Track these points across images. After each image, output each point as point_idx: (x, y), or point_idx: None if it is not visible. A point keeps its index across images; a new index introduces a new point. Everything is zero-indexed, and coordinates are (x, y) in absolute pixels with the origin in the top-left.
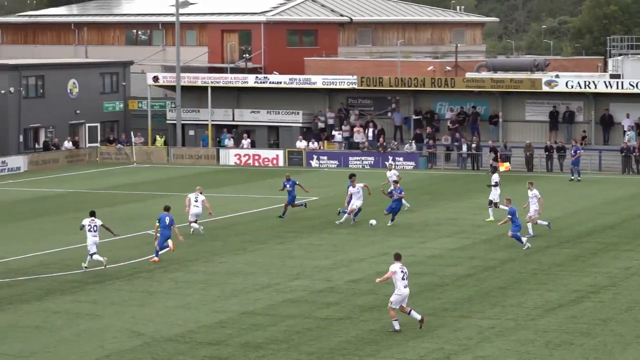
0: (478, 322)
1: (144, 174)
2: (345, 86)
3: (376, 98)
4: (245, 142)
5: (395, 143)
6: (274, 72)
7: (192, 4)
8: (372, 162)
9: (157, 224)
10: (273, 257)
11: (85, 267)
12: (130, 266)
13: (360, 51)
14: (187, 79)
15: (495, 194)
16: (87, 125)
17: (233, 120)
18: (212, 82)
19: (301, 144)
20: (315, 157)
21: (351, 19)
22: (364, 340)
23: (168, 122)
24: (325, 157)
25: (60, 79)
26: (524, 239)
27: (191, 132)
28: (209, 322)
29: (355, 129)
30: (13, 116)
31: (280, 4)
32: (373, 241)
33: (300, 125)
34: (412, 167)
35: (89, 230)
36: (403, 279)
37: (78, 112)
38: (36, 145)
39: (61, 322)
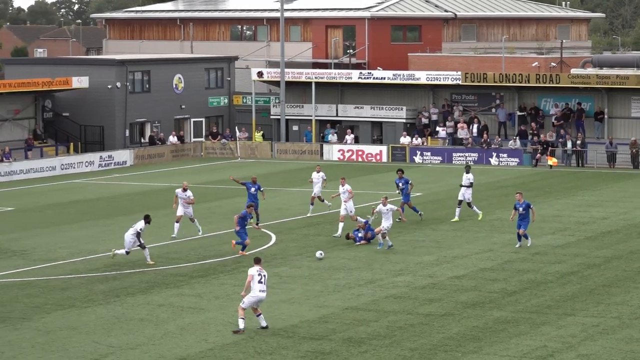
0: (582, 320)
1: (247, 168)
2: (449, 82)
3: (480, 94)
4: (349, 137)
5: (499, 139)
6: (378, 68)
7: None
8: (475, 158)
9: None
10: (376, 252)
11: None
12: (235, 260)
13: (465, 47)
14: (291, 75)
15: (468, 194)
16: (192, 120)
17: (337, 115)
18: (316, 78)
19: (405, 140)
20: (418, 152)
21: (455, 14)
22: (466, 336)
23: (272, 117)
24: (428, 153)
25: (166, 74)
26: (523, 243)
27: (295, 128)
28: (312, 317)
29: (459, 125)
30: (119, 111)
31: None
32: (477, 237)
33: (403, 121)
34: (516, 163)
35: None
36: (260, 282)
37: (183, 107)
38: (142, 140)
39: (166, 315)
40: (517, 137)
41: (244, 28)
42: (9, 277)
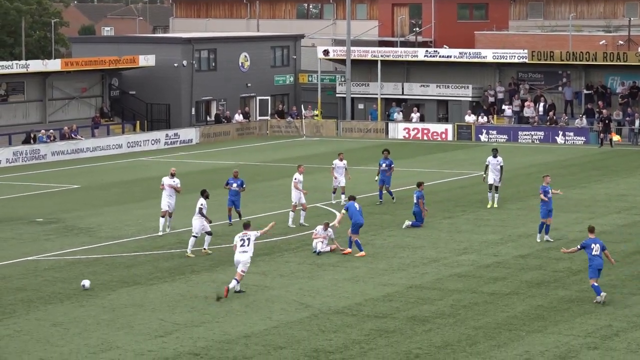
0: None
1: (313, 147)
2: (516, 60)
3: (547, 72)
4: (415, 115)
5: (566, 117)
6: (444, 46)
7: None
8: (541, 137)
9: (344, 212)
10: (441, 231)
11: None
12: (299, 239)
13: (531, 25)
14: (357, 53)
15: (498, 177)
16: (258, 98)
17: (402, 94)
18: (381, 56)
19: (470, 118)
20: (484, 131)
21: None
22: (531, 315)
23: (338, 95)
24: (494, 132)
25: (232, 52)
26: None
27: (360, 106)
28: (376, 295)
29: (525, 104)
30: (185, 89)
31: None
32: None
33: (469, 99)
34: (582, 142)
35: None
36: (242, 245)
37: (249, 85)
38: (208, 118)
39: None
40: (584, 116)
41: (310, 6)
42: (75, 254)
